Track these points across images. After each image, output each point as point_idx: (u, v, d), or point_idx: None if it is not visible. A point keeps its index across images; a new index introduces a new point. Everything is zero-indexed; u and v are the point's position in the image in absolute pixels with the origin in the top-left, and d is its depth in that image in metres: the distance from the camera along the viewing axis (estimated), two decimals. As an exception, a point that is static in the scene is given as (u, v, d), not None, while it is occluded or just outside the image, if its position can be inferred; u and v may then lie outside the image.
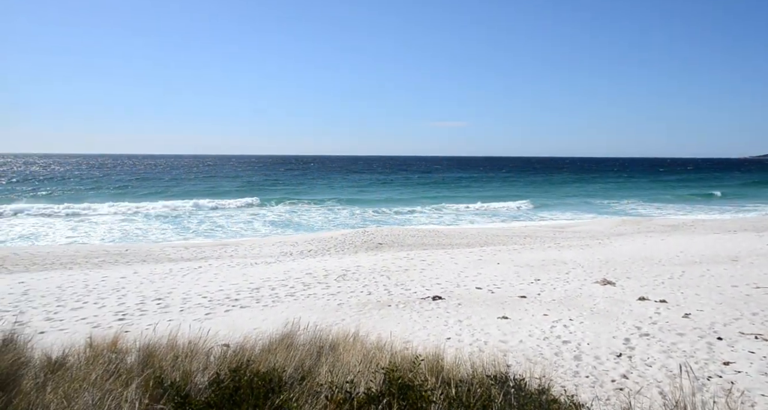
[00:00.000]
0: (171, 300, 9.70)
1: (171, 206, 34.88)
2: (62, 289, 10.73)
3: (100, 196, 43.54)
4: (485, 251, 16.47)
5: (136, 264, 14.75)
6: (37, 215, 29.82)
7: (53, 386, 3.87)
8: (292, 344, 5.06)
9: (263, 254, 16.87)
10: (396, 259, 14.64)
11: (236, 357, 4.83)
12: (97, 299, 9.78)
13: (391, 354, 4.52)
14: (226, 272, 12.69)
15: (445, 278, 11.82)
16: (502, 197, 46.45)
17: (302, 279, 11.64)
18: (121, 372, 4.37)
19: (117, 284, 11.18)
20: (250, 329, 7.41)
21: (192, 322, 7.75)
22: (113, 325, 7.90)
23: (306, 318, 7.26)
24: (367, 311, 8.91)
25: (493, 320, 8.14)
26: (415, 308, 9.09)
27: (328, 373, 3.97)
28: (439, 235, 22.62)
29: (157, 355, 4.87)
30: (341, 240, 20.35)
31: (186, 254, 17.21)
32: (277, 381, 3.61)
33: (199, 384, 4.13)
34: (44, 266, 14.52)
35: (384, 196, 48.76)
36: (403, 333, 7.44)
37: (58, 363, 4.94)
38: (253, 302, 9.62)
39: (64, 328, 7.89)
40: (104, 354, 5.13)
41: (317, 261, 14.62)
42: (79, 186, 55.77)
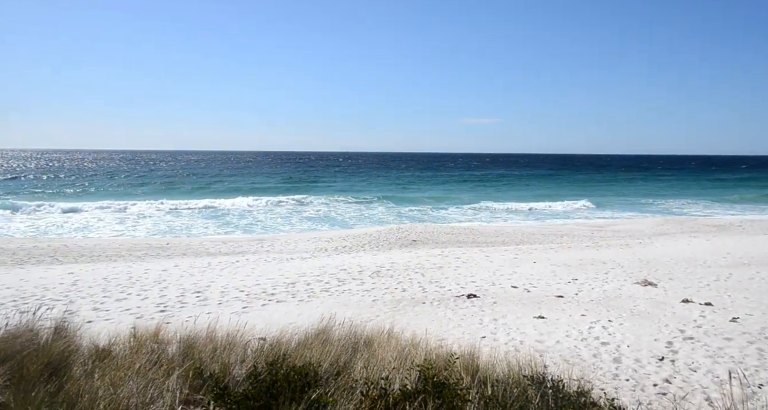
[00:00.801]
0: (210, 293, 9.94)
1: (216, 203, 35.59)
2: (108, 280, 11.14)
3: (149, 191, 45.09)
4: (521, 249, 16.24)
5: (176, 258, 15.18)
6: (90, 210, 30.95)
7: (100, 373, 4.02)
8: (327, 339, 5.11)
9: (299, 250, 17.10)
10: (430, 256, 14.59)
11: (273, 350, 4.91)
12: (140, 291, 10.11)
13: (425, 351, 4.52)
14: (263, 267, 12.92)
15: (480, 276, 11.71)
16: (558, 196, 44.96)
17: (337, 275, 11.73)
18: (163, 362, 4.50)
19: (159, 277, 11.53)
20: (285, 323, 7.52)
21: (230, 315, 7.92)
22: (155, 316, 8.15)
23: (341, 314, 7.31)
24: (401, 308, 8.92)
25: (529, 319, 8.02)
26: (450, 306, 9.04)
27: (363, 369, 3.99)
28: (474, 233, 22.42)
29: (197, 347, 5.00)
30: (375, 237, 20.42)
31: (224, 248, 17.61)
32: (312, 375, 3.65)
33: (237, 376, 4.22)
34: (91, 258, 15.11)
35: (422, 193, 48.53)
36: (438, 330, 7.41)
37: (105, 351, 5.13)
38: (289, 296, 9.76)
39: (109, 318, 8.19)
40: (147, 344, 5.30)
41: (352, 257, 14.72)
42: (128, 182, 57.69)
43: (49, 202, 35.10)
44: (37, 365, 4.21)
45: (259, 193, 43.33)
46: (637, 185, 60.34)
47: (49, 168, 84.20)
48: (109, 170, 79.67)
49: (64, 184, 53.23)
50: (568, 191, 51.38)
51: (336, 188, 51.31)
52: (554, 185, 62.24)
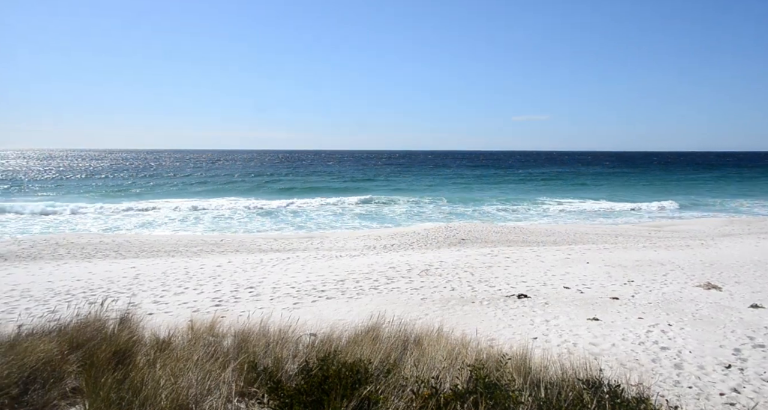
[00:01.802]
0: (262, 289, 10.20)
1: (271, 202, 36.39)
2: (166, 275, 11.63)
3: (210, 191, 46.64)
4: (573, 249, 15.79)
5: (230, 254, 15.67)
6: (154, 208, 32.38)
7: (162, 363, 4.20)
8: (377, 337, 5.14)
9: (348, 248, 17.28)
10: (480, 255, 14.42)
11: (324, 346, 4.99)
12: (196, 286, 10.50)
13: (476, 351, 4.47)
14: (313, 264, 13.14)
15: (530, 276, 11.47)
16: (615, 196, 43.11)
17: (386, 273, 11.78)
18: (219, 355, 4.66)
19: (213, 272, 11.93)
20: (335, 320, 7.62)
21: (281, 311, 8.10)
22: (210, 310, 8.44)
23: (390, 312, 7.34)
24: (450, 307, 8.86)
25: (583, 321, 7.79)
26: (500, 305, 8.91)
27: (413, 367, 3.99)
28: (524, 232, 21.98)
29: (250, 341, 5.14)
30: (424, 235, 20.37)
31: (275, 245, 18.03)
32: (363, 372, 3.68)
33: (290, 370, 4.31)
34: (151, 253, 15.82)
35: (473, 191, 47.86)
36: (488, 330, 7.32)
37: (165, 342, 5.36)
38: (339, 293, 9.89)
39: (168, 311, 8.55)
40: (204, 337, 5.50)
41: (400, 255, 14.74)
42: (191, 180, 59.89)
43: (118, 199, 37.13)
44: (106, 353, 4.44)
45: (315, 193, 43.70)
46: (705, 184, 57.06)
47: (121, 167, 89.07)
48: (174, 170, 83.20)
49: (137, 182, 56.31)
50: (626, 190, 49.42)
51: (391, 188, 50.73)
52: (607, 183, 60.00)
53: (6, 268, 12.73)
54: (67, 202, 34.67)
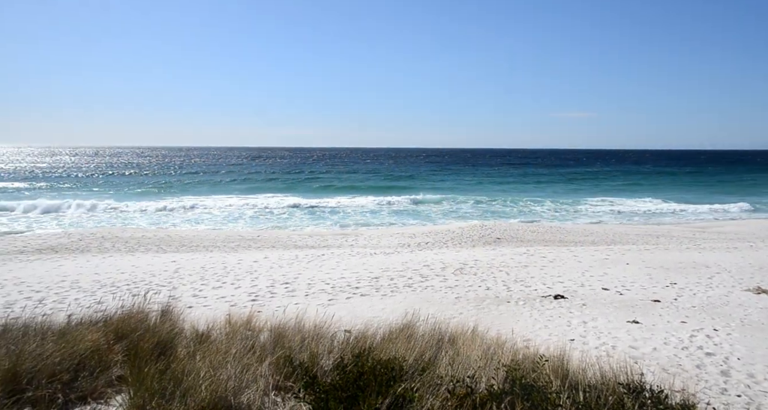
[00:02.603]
0: (297, 285, 10.34)
1: (308, 200, 36.76)
2: (205, 269, 11.93)
3: (249, 188, 47.46)
4: (612, 250, 15.39)
5: (266, 250, 15.94)
6: (194, 207, 33.22)
7: (201, 356, 4.31)
8: (411, 335, 5.14)
9: (382, 245, 17.33)
10: (515, 254, 14.23)
11: (358, 343, 5.02)
12: (233, 280, 10.73)
13: (512, 352, 4.41)
14: (347, 261, 13.23)
15: (567, 276, 11.25)
16: (659, 193, 41.56)
17: (420, 271, 11.76)
18: (256, 349, 4.75)
19: (250, 268, 12.17)
20: (369, 317, 7.66)
21: (316, 307, 8.19)
22: (247, 305, 8.61)
23: (424, 310, 7.33)
24: (485, 306, 8.78)
25: (622, 324, 7.59)
26: (536, 306, 8.77)
27: (448, 366, 3.98)
28: (561, 231, 21.57)
29: (286, 336, 5.22)
30: (459, 233, 20.23)
31: (310, 241, 18.24)
32: (398, 369, 3.69)
33: (325, 366, 4.35)
34: (191, 248, 16.25)
35: (508, 190, 47.15)
36: (523, 330, 7.22)
37: (204, 335, 5.50)
38: (373, 290, 9.93)
39: (207, 304, 8.77)
40: (241, 331, 5.61)
41: (434, 254, 14.69)
42: (231, 177, 61.08)
43: (161, 196, 38.32)
44: (149, 344, 4.59)
45: (353, 191, 43.66)
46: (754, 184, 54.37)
47: (163, 164, 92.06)
48: (217, 167, 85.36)
49: (181, 179, 58.19)
50: (671, 189, 47.77)
51: (430, 187, 49.67)
52: (656, 182, 58.06)
53: (57, 260, 13.31)
54: (111, 198, 36.03)
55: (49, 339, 4.50)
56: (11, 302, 8.62)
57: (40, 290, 9.60)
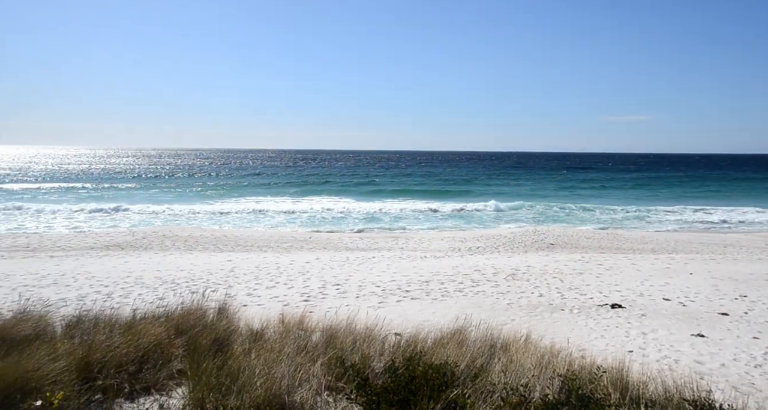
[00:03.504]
0: (348, 287, 10.45)
1: (360, 203, 36.93)
2: (259, 269, 12.25)
3: (304, 191, 48.21)
4: (674, 259, 14.68)
5: (318, 251, 16.21)
6: (257, 208, 34.11)
7: (256, 353, 4.43)
8: (463, 340, 5.09)
9: (432, 249, 17.25)
10: (570, 261, 13.82)
11: (409, 347, 5.02)
12: (286, 281, 10.96)
13: (567, 361, 4.29)
14: (398, 264, 13.25)
15: (625, 285, 10.82)
16: (730, 201, 39.03)
17: (471, 276, 11.63)
18: (309, 349, 4.84)
19: (302, 268, 12.40)
20: (420, 320, 7.64)
21: (367, 309, 8.24)
22: (299, 305, 8.78)
23: (475, 315, 7.24)
24: (538, 313, 8.58)
25: (686, 337, 7.22)
26: (591, 314, 8.48)
27: (500, 373, 3.92)
28: (618, 238, 20.77)
29: (338, 337, 5.28)
30: (510, 238, 19.86)
31: (361, 244, 18.40)
32: (450, 375, 3.66)
33: (376, 368, 4.37)
34: (245, 248, 16.74)
35: (560, 195, 45.74)
36: (578, 340, 7.00)
37: (258, 334, 5.64)
38: (423, 294, 9.90)
39: (261, 303, 9.00)
40: (294, 331, 5.73)
41: (486, 259, 14.48)
42: (288, 179, 62.21)
43: (220, 197, 39.82)
44: (207, 340, 4.76)
45: (407, 195, 43.59)
46: None
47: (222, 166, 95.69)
48: (274, 168, 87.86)
49: (244, 180, 60.40)
50: (737, 195, 45.07)
51: (490, 192, 48.12)
52: (720, 187, 54.95)
53: (123, 257, 14.04)
54: (173, 198, 37.67)
55: (117, 332, 4.75)
56: (83, 295, 9.16)
57: (108, 284, 10.16)
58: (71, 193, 42.69)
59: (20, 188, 45.46)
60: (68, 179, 57.08)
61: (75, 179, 57.51)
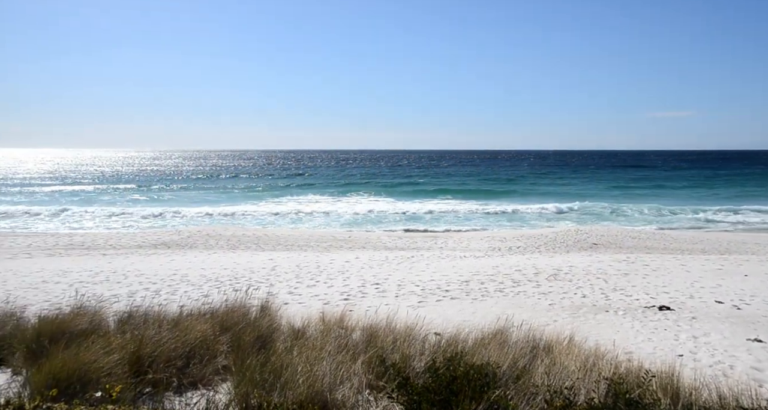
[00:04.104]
0: (387, 286, 10.48)
1: (400, 203, 36.97)
2: (300, 268, 12.43)
3: (343, 191, 48.58)
4: (727, 260, 14.04)
5: (357, 250, 16.32)
6: (297, 208, 34.65)
7: (298, 351, 4.50)
8: (504, 341, 5.03)
9: (472, 248, 17.10)
10: (614, 261, 13.43)
11: (450, 347, 4.99)
12: (326, 279, 11.09)
13: (613, 364, 4.17)
14: (437, 264, 13.20)
15: (674, 286, 10.43)
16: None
17: (511, 276, 11.46)
18: (349, 347, 4.87)
19: (342, 267, 12.51)
20: (460, 320, 7.58)
21: (406, 308, 8.24)
22: (339, 304, 8.86)
23: (516, 316, 7.13)
24: (581, 314, 8.37)
25: (741, 341, 6.90)
26: (638, 316, 8.22)
27: (544, 375, 3.85)
28: (665, 238, 20.04)
29: (378, 336, 5.30)
30: (552, 238, 19.47)
31: (400, 243, 18.41)
32: (492, 376, 3.63)
33: (417, 368, 4.37)
34: (286, 247, 17.02)
35: (605, 193, 44.26)
36: (624, 342, 6.79)
37: (300, 332, 5.73)
38: (463, 294, 9.82)
39: (302, 302, 9.14)
40: (334, 329, 5.79)
41: (526, 258, 14.25)
42: (328, 181, 62.64)
43: (261, 198, 40.84)
44: (250, 337, 4.87)
45: (449, 194, 43.14)
46: None
47: (265, 166, 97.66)
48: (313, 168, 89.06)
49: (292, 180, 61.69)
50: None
51: (536, 192, 46.69)
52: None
53: (169, 255, 14.53)
54: (219, 198, 38.72)
55: (165, 327, 4.92)
56: (133, 291, 9.53)
57: (156, 282, 10.52)
58: (121, 194, 44.54)
59: (71, 189, 47.32)
60: (118, 181, 59.47)
61: (125, 181, 59.90)
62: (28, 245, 17.01)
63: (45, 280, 10.59)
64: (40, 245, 17.03)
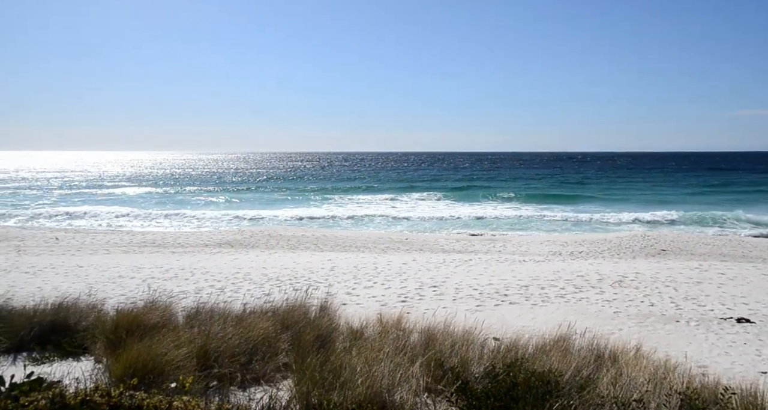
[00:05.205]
0: (444, 289, 10.40)
1: (461, 207, 36.69)
2: (357, 269, 12.57)
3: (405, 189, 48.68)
4: (817, 269, 12.96)
5: (414, 252, 16.31)
6: (355, 209, 35.17)
7: (356, 351, 4.54)
8: (566, 348, 4.87)
9: (531, 252, 16.69)
10: (685, 269, 12.71)
11: (509, 352, 4.89)
12: (383, 281, 11.15)
13: (686, 378, 3.95)
14: (495, 267, 12.97)
15: (754, 297, 9.75)
16: None
17: (573, 281, 11.09)
18: (407, 350, 4.87)
19: (399, 269, 12.54)
20: (519, 326, 7.42)
21: (464, 312, 8.16)
22: (396, 305, 8.88)
23: (579, 323, 6.89)
24: (649, 324, 7.98)
25: (833, 359, 6.36)
26: (712, 328, 7.74)
27: (609, 386, 3.70)
28: (744, 245, 18.77)
29: (436, 339, 5.27)
30: (616, 243, 18.68)
31: (457, 246, 18.24)
32: (554, 384, 3.52)
33: (475, 373, 4.31)
34: (344, 248, 17.26)
35: (678, 197, 41.69)
36: (697, 355, 6.42)
37: (358, 332, 5.79)
38: (522, 299, 9.60)
39: (359, 303, 9.23)
40: (392, 331, 5.80)
41: (589, 264, 13.74)
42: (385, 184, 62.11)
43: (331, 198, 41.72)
44: (310, 336, 4.97)
45: (508, 198, 42.07)
46: None
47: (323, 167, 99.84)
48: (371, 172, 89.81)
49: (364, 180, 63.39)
50: None
51: (610, 197, 43.64)
52: None
53: (233, 254, 15.09)
54: (279, 202, 39.85)
55: (229, 324, 5.10)
56: (200, 288, 9.97)
57: (220, 279, 10.95)
58: (193, 194, 46.59)
59: (136, 193, 48.72)
60: (189, 183, 62.19)
61: (190, 183, 62.68)
62: (107, 242, 18.16)
63: (121, 275, 11.27)
64: (117, 242, 18.15)
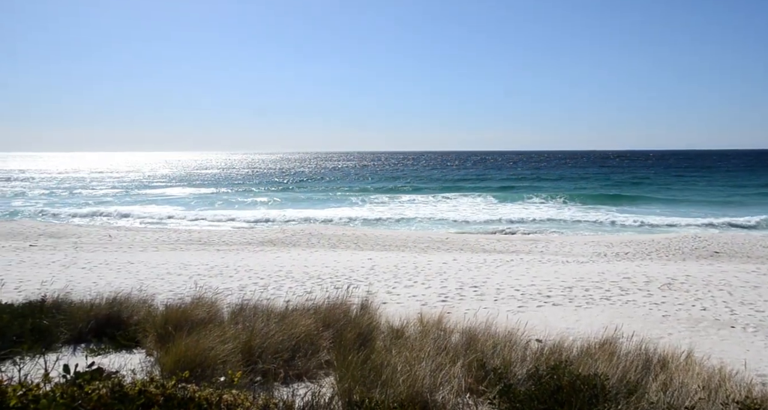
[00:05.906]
0: (486, 289, 10.28)
1: (504, 207, 36.10)
2: (398, 268, 12.59)
3: (449, 188, 48.20)
4: None
5: (454, 252, 16.19)
6: (397, 209, 35.38)
7: (397, 350, 4.56)
8: (613, 352, 4.74)
9: (574, 253, 16.30)
10: (740, 272, 12.13)
11: (553, 355, 4.81)
12: (424, 280, 11.12)
13: (744, 387, 3.77)
14: (537, 268, 12.74)
15: (817, 303, 9.20)
16: None
17: (619, 283, 10.76)
18: (449, 350, 4.85)
19: (440, 269, 12.48)
20: (562, 328, 7.26)
21: (506, 313, 8.04)
22: (437, 305, 8.84)
23: (625, 327, 6.68)
24: (701, 329, 7.66)
25: None
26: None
27: (659, 392, 3.58)
28: (807, 247, 17.73)
29: (478, 339, 5.22)
30: (665, 244, 18.01)
31: (498, 246, 18.01)
32: (600, 388, 3.44)
33: (518, 374, 4.25)
34: (384, 247, 17.32)
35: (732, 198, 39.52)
36: (756, 364, 6.11)
37: (399, 331, 5.80)
38: (566, 301, 9.39)
39: (400, 302, 9.24)
40: (432, 331, 5.79)
41: (636, 265, 13.30)
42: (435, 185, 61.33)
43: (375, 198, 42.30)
44: (351, 334, 5.01)
45: (553, 199, 40.68)
46: None
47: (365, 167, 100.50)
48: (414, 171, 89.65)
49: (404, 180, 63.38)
50: None
51: (674, 198, 41.26)
52: None
53: (275, 252, 15.38)
54: (323, 201, 40.46)
55: (273, 321, 5.21)
56: (243, 285, 10.21)
57: (263, 277, 11.18)
58: (240, 195, 47.68)
59: (182, 193, 49.80)
60: (225, 184, 63.42)
61: (232, 183, 64.16)
62: (155, 239, 18.85)
63: (169, 272, 11.67)
64: (164, 239, 18.80)
